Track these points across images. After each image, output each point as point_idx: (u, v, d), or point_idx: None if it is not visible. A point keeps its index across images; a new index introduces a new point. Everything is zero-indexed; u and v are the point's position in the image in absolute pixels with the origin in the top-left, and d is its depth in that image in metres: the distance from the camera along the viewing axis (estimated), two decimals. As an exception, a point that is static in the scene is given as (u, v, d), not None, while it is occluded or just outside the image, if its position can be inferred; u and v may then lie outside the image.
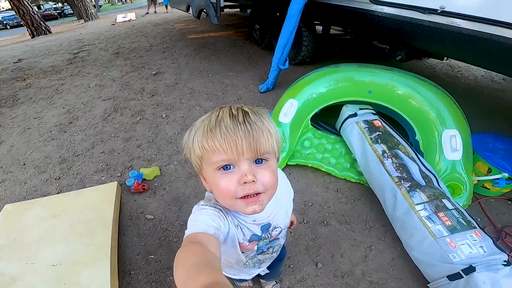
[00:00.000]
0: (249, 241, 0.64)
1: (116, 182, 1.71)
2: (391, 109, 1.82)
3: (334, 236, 1.42)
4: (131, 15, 10.43)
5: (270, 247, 0.71)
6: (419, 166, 1.50)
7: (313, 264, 1.31)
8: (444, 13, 1.71)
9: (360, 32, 3.86)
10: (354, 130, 1.74)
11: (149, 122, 2.48)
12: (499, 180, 1.52)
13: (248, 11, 5.76)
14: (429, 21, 1.80)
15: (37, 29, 9.41)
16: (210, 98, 2.84)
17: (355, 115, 1.83)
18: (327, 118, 2.04)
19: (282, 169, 1.78)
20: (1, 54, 6.40)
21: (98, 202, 1.50)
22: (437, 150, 1.61)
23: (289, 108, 1.88)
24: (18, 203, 1.62)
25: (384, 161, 1.54)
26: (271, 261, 0.84)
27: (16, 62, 5.08)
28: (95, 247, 1.25)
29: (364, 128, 1.72)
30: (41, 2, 24.20)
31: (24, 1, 9.15)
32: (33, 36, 9.32)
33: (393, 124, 1.81)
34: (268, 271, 0.90)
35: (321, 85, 1.90)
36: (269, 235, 0.66)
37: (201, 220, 0.53)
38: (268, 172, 0.52)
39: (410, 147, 1.63)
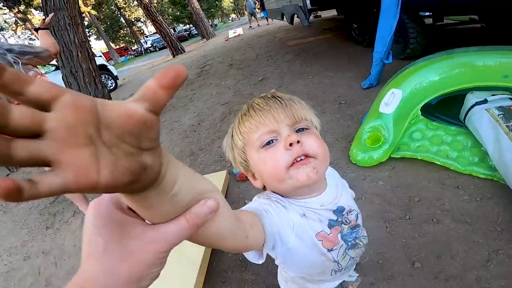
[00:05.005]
0: (329, 227, 0.55)
1: (226, 170, 2.06)
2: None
3: (444, 236, 1.23)
4: (239, 30, 11.87)
5: (356, 237, 0.60)
6: None
7: (409, 263, 1.18)
8: None
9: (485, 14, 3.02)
10: (483, 118, 1.46)
11: (256, 122, 2.83)
12: None
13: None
14: None
15: (176, 49, 11.74)
16: (311, 98, 2.92)
17: (484, 101, 1.53)
18: (446, 111, 1.76)
19: (384, 162, 1.68)
20: (155, 72, 8.55)
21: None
22: None
23: (391, 98, 1.73)
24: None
25: (525, 151, 1.23)
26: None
27: (164, 79, 6.72)
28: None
29: (498, 115, 1.42)
30: (174, 25, 29.22)
31: (164, 24, 11.45)
32: (174, 56, 11.72)
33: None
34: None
35: (432, 73, 1.67)
36: (346, 220, 0.58)
37: (246, 206, 0.52)
38: (312, 137, 0.50)
39: None
